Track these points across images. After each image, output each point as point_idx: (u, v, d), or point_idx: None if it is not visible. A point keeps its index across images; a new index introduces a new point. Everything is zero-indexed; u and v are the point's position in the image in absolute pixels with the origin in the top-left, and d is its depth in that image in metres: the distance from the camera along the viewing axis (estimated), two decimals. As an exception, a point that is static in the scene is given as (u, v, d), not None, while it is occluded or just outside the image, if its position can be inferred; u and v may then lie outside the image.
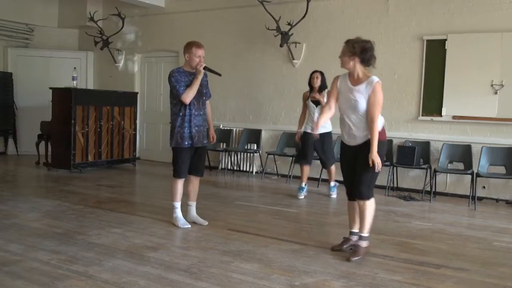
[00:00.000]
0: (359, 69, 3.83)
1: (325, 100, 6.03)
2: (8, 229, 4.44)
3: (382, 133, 3.84)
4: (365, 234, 3.89)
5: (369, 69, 3.90)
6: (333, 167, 6.42)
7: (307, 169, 6.40)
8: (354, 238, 4.00)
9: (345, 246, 4.01)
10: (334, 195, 6.48)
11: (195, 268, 3.54)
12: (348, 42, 3.87)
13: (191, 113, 4.55)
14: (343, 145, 4.01)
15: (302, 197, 6.35)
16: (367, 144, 3.76)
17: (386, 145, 4.00)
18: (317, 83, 6.26)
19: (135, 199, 6.42)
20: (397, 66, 7.15)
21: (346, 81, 3.90)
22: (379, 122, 3.82)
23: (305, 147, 6.39)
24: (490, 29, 6.46)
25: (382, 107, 3.79)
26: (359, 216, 3.93)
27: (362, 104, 3.76)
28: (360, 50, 3.80)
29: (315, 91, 6.28)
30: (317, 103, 6.24)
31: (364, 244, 3.89)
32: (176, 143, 4.56)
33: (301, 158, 6.44)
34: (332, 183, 6.52)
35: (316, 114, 6.24)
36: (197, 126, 4.60)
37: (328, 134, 6.25)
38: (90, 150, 8.12)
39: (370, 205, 3.83)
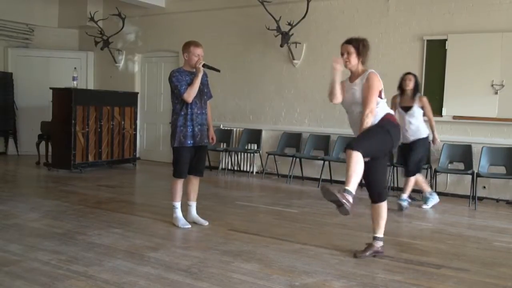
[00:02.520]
0: (359, 67, 3.89)
1: (415, 104, 5.71)
2: (8, 229, 4.44)
3: (390, 116, 3.83)
4: (381, 235, 3.92)
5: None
6: (412, 179, 5.78)
7: (412, 180, 5.82)
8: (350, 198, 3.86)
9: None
10: (405, 205, 5.76)
11: (195, 268, 3.53)
12: (352, 41, 3.89)
13: (193, 112, 4.56)
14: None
15: (428, 206, 5.92)
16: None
17: (394, 126, 3.82)
18: (409, 85, 5.74)
19: (135, 199, 6.42)
20: (397, 66, 7.13)
21: (347, 81, 3.98)
22: (384, 110, 3.82)
23: (402, 158, 5.99)
24: (491, 29, 6.46)
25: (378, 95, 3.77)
26: (375, 218, 3.89)
27: (360, 97, 3.80)
28: (366, 49, 3.88)
29: (406, 96, 5.78)
30: (407, 108, 5.74)
31: (378, 244, 3.91)
32: (179, 142, 4.56)
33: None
34: (404, 195, 5.80)
35: (408, 122, 5.72)
36: (199, 124, 4.60)
37: (419, 142, 5.75)
38: (90, 150, 8.12)
39: (386, 206, 3.90)
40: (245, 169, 8.45)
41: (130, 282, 3.23)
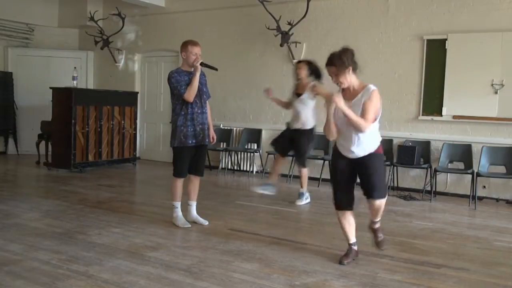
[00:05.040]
0: (353, 80, 3.57)
1: (306, 93, 5.63)
2: (8, 229, 4.44)
3: (381, 146, 3.68)
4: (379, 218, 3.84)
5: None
6: (304, 171, 5.94)
7: (277, 160, 5.94)
8: (356, 247, 3.86)
9: (352, 258, 3.82)
10: (300, 202, 5.96)
11: (195, 268, 3.54)
12: (333, 61, 3.53)
13: (194, 111, 4.57)
14: (339, 156, 3.71)
15: (259, 192, 5.92)
16: (371, 156, 3.59)
17: (383, 158, 3.80)
18: (301, 74, 5.74)
19: (135, 198, 6.42)
20: (397, 66, 7.15)
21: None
22: (378, 140, 3.66)
23: (280, 136, 6.04)
24: (491, 29, 6.46)
25: (378, 114, 3.53)
26: (375, 211, 3.72)
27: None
28: (350, 59, 3.52)
29: (301, 83, 5.77)
30: (298, 95, 5.77)
31: (379, 224, 3.86)
32: (180, 142, 4.56)
33: (273, 143, 6.12)
34: (302, 190, 5.99)
35: (296, 107, 5.75)
36: (200, 124, 4.61)
37: (305, 133, 5.75)
38: (90, 149, 8.12)
39: (384, 201, 3.71)
40: (245, 168, 8.45)
41: (131, 282, 3.24)
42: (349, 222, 3.82)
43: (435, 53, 6.84)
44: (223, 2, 8.58)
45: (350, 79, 3.57)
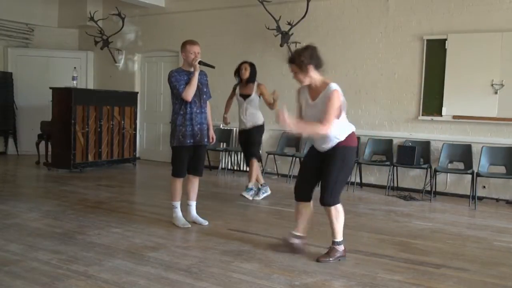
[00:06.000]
0: (316, 77, 3.63)
1: (253, 92, 6.04)
2: (8, 229, 4.44)
3: (350, 139, 3.69)
4: (338, 239, 3.75)
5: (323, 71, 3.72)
6: (255, 165, 6.04)
7: (255, 165, 6.06)
8: (295, 240, 3.88)
9: (282, 248, 3.90)
10: (248, 196, 5.98)
11: (195, 268, 3.53)
12: (293, 59, 3.63)
13: (193, 111, 4.57)
14: (312, 149, 3.87)
15: (250, 198, 5.99)
16: (334, 149, 3.65)
17: (354, 151, 3.81)
18: (246, 75, 6.07)
19: (135, 199, 6.42)
20: (397, 66, 7.15)
21: (306, 94, 3.75)
22: (348, 129, 3.69)
23: (241, 145, 6.36)
24: (490, 29, 6.46)
25: (341, 110, 3.58)
26: (330, 222, 3.77)
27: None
28: (309, 57, 3.58)
29: (244, 84, 6.13)
30: (246, 96, 6.09)
31: (339, 248, 3.76)
32: (179, 141, 4.57)
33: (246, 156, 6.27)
34: (250, 185, 6.04)
35: (245, 109, 6.09)
36: (199, 124, 4.61)
37: (256, 128, 6.12)
38: (90, 150, 8.12)
39: (334, 211, 3.71)
40: (245, 169, 8.41)
41: (130, 282, 3.23)
42: (301, 212, 3.90)
43: (435, 53, 6.84)
44: (223, 2, 8.58)
45: (312, 76, 3.63)
